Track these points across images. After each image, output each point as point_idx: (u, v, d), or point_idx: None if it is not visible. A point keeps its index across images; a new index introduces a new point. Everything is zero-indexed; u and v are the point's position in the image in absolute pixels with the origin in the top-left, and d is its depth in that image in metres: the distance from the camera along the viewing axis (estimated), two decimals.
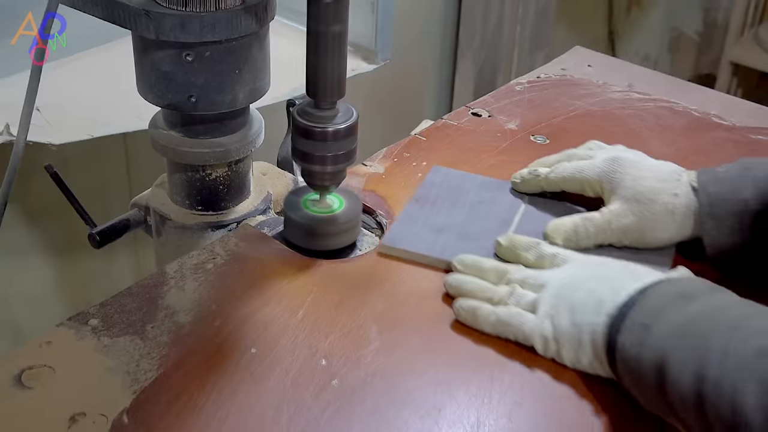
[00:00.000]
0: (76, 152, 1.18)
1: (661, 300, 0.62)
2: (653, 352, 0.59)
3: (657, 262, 0.74)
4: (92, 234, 0.87)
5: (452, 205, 0.85)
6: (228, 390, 0.64)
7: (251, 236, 0.82)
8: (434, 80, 2.04)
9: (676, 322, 0.59)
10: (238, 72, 0.78)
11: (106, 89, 1.16)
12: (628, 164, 0.79)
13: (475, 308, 0.70)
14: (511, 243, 0.76)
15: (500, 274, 0.73)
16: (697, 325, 0.58)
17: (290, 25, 1.22)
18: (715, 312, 0.59)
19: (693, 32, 2.90)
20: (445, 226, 0.82)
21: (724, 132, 1.03)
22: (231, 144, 0.83)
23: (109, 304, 0.72)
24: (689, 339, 0.57)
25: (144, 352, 0.67)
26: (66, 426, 0.60)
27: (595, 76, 1.15)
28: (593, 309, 0.65)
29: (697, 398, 0.55)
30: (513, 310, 0.69)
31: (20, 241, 1.30)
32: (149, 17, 0.74)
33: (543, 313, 0.67)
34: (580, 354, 0.66)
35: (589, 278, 0.68)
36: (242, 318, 0.71)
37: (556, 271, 0.71)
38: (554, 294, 0.68)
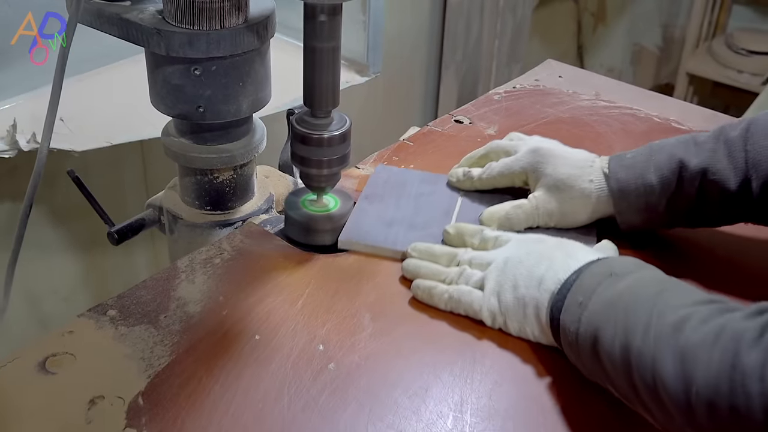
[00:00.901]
0: (97, 158, 1.17)
1: (595, 279, 0.63)
2: (588, 327, 0.60)
3: (583, 241, 0.75)
4: (111, 232, 0.87)
5: (398, 199, 0.85)
6: (234, 374, 0.64)
7: (255, 233, 0.81)
8: (421, 91, 2.03)
9: (606, 299, 0.60)
10: (241, 84, 0.77)
11: (123, 101, 1.16)
12: (548, 154, 0.81)
13: (430, 288, 0.71)
14: (458, 230, 0.77)
15: (450, 257, 0.74)
16: (623, 300, 0.59)
17: (289, 41, 1.22)
18: (638, 289, 0.60)
19: (653, 46, 2.91)
20: (394, 219, 0.81)
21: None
22: (236, 150, 0.82)
23: (125, 296, 0.71)
24: (617, 313, 0.58)
25: (157, 339, 0.67)
26: (86, 408, 0.60)
27: (565, 87, 1.14)
28: (535, 285, 0.66)
29: (626, 366, 0.56)
30: (463, 288, 0.70)
31: (47, 240, 1.30)
32: (160, 35, 0.73)
33: (489, 289, 0.69)
34: (524, 326, 0.67)
35: (528, 255, 0.69)
36: (247, 308, 0.71)
37: (499, 250, 0.72)
38: (498, 271, 0.69)
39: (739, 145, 0.73)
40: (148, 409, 0.60)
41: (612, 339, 0.57)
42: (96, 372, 0.63)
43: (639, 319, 0.56)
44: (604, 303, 0.60)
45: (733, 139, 0.74)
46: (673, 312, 0.55)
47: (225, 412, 0.60)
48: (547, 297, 0.65)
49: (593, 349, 0.59)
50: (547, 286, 0.66)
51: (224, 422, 0.60)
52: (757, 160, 0.72)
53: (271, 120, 0.94)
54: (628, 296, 0.59)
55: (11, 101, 1.13)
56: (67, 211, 1.28)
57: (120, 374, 0.63)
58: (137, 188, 1.37)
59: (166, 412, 0.60)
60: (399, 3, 1.83)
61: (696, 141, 0.76)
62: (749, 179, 0.72)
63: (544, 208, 0.79)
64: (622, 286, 0.60)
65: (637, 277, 0.62)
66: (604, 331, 0.58)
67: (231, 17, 0.73)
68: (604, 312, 0.59)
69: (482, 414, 0.62)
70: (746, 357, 0.49)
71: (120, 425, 0.59)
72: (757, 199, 0.73)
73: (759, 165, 0.72)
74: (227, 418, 0.60)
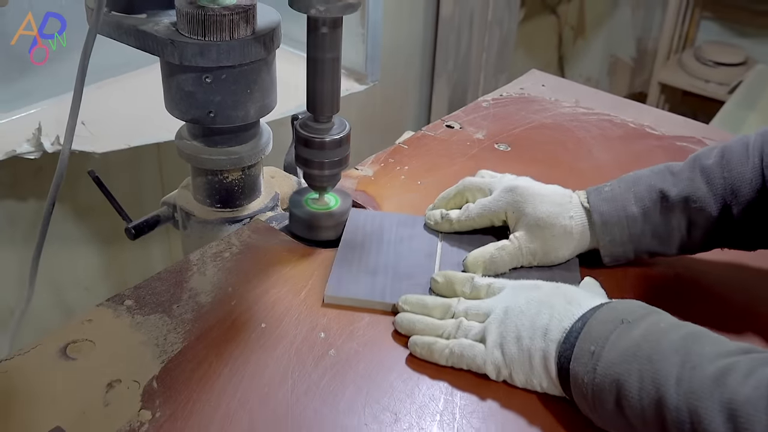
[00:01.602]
0: (116, 159, 1.16)
1: (605, 326, 0.57)
2: (605, 378, 0.55)
3: (568, 278, 0.71)
4: (128, 228, 0.86)
5: (378, 245, 0.77)
6: (242, 359, 0.63)
7: (261, 229, 0.80)
8: (415, 98, 2.02)
9: (623, 348, 0.55)
10: (249, 91, 0.77)
11: (140, 107, 1.15)
12: (525, 193, 0.75)
13: (429, 344, 0.64)
14: (447, 279, 0.70)
15: (444, 309, 0.67)
16: (644, 350, 0.54)
17: (294, 52, 1.21)
18: (657, 336, 0.55)
19: (627, 58, 2.90)
20: (377, 268, 0.74)
21: (654, 140, 1.02)
22: (244, 152, 0.81)
23: (141, 287, 0.70)
24: (640, 364, 0.53)
25: (171, 327, 0.66)
26: (104, 391, 0.59)
27: (547, 95, 1.14)
28: (540, 336, 0.60)
29: (659, 421, 0.52)
30: (464, 342, 0.63)
31: (70, 235, 1.29)
32: (174, 46, 0.72)
33: (491, 342, 0.62)
34: (531, 377, 0.61)
35: (528, 303, 0.63)
36: (254, 298, 0.70)
37: (496, 300, 0.65)
38: (499, 322, 0.62)
39: (716, 173, 0.70)
40: (161, 391, 0.60)
41: (639, 392, 0.53)
42: (113, 357, 0.62)
43: (669, 371, 0.52)
44: (622, 352, 0.55)
45: (709, 167, 0.71)
46: (709, 363, 0.51)
47: (233, 395, 0.60)
48: (554, 347, 0.59)
49: (616, 402, 0.54)
50: (553, 336, 0.60)
51: (232, 404, 0.59)
52: (736, 186, 0.69)
53: (276, 125, 0.93)
54: (648, 345, 0.54)
55: (36, 106, 1.12)
56: (88, 209, 1.28)
57: (136, 360, 0.62)
58: (153, 187, 1.36)
59: (179, 395, 0.59)
60: (395, 18, 1.82)
61: (671, 171, 0.73)
62: (729, 205, 0.69)
63: (527, 248, 0.74)
64: (637, 334, 0.55)
65: (652, 323, 0.57)
66: (628, 383, 0.53)
67: (239, 29, 0.73)
68: (624, 362, 0.54)
69: (471, 397, 0.61)
70: None
71: (135, 407, 0.58)
72: (737, 224, 0.70)
73: (738, 191, 0.69)
74: (235, 401, 0.59)
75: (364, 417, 0.59)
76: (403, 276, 0.73)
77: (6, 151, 1.03)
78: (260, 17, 0.76)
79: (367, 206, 0.85)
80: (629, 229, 0.72)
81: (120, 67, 1.20)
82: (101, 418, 0.57)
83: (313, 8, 0.67)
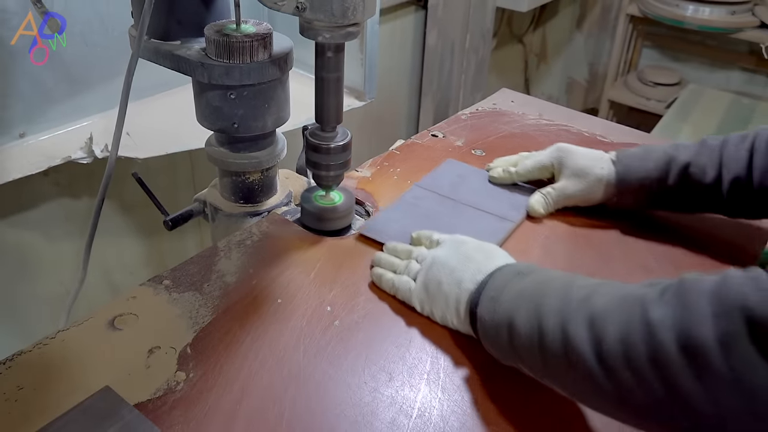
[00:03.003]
0: (156, 164, 1.15)
1: (505, 277, 0.59)
2: (502, 317, 0.55)
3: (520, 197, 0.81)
4: (166, 221, 0.85)
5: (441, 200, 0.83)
6: (262, 329, 0.63)
7: (277, 221, 0.80)
8: (405, 113, 2.02)
9: (516, 291, 0.56)
10: (267, 106, 0.76)
11: (175, 120, 1.14)
12: (568, 149, 0.81)
13: (380, 275, 0.69)
14: (418, 235, 0.73)
15: (407, 253, 0.70)
16: (532, 291, 0.55)
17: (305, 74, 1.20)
18: (544, 281, 0.56)
19: (582, 79, 2.90)
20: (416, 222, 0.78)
21: (606, 146, 1.01)
22: (263, 157, 0.81)
23: (177, 269, 0.70)
24: (527, 302, 0.54)
25: (202, 303, 0.65)
26: (146, 356, 0.59)
27: (516, 109, 1.13)
28: (455, 284, 0.62)
29: (539, 343, 0.51)
30: (403, 278, 0.67)
31: (118, 228, 1.28)
32: (203, 67, 0.72)
33: (419, 283, 0.65)
34: (446, 315, 0.63)
35: (454, 256, 0.64)
36: (271, 278, 0.70)
37: (434, 250, 0.67)
38: (427, 268, 0.65)
39: (716, 150, 0.73)
40: (194, 356, 0.59)
41: (525, 325, 0.53)
42: (153, 328, 0.62)
43: (550, 305, 0.52)
44: (515, 294, 0.56)
45: (712, 146, 0.74)
46: (578, 291, 0.51)
47: (254, 359, 0.59)
48: (466, 295, 0.61)
49: (508, 334, 0.54)
50: (466, 286, 0.61)
51: (254, 366, 0.59)
52: (728, 162, 0.72)
53: (290, 134, 0.92)
54: (535, 287, 0.55)
55: (89, 119, 1.11)
56: (133, 206, 1.27)
57: (172, 330, 0.62)
58: (186, 187, 1.35)
59: (208, 359, 0.59)
60: (389, 47, 1.81)
61: (683, 145, 0.76)
62: (721, 176, 0.72)
63: (569, 191, 0.80)
64: (528, 281, 0.57)
65: (542, 273, 0.58)
66: (517, 319, 0.54)
67: (258, 53, 0.72)
68: (515, 301, 0.55)
69: (453, 359, 0.61)
70: (653, 313, 0.44)
71: (172, 369, 0.58)
72: (725, 193, 0.72)
73: (729, 166, 0.72)
74: (256, 363, 0.59)
75: (364, 376, 0.59)
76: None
77: (62, 157, 1.02)
78: (276, 43, 0.75)
79: (366, 202, 0.85)
80: (641, 181, 0.76)
81: (158, 87, 1.19)
82: (143, 378, 0.57)
83: (320, 36, 0.67)
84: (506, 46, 2.45)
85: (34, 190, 1.10)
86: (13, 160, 1.00)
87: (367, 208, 0.84)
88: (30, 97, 1.01)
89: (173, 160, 1.26)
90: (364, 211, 0.85)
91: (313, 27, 0.66)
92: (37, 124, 1.05)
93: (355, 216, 0.82)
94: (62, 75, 1.04)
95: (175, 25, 0.75)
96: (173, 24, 0.75)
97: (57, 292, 1.19)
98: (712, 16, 2.24)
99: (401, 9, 1.81)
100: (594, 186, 0.79)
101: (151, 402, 0.54)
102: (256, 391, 0.56)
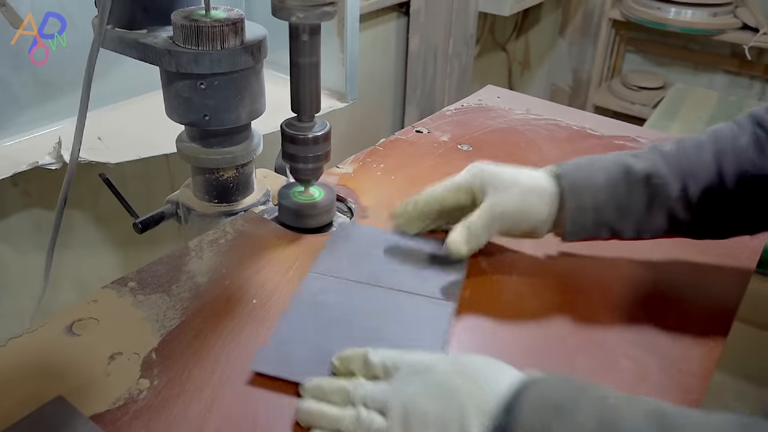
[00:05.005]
0: (133, 171, 1.10)
1: (540, 416, 0.39)
2: None
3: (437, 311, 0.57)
4: (136, 223, 0.80)
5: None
6: (236, 331, 0.57)
7: (253, 219, 0.75)
8: (389, 119, 1.98)
9: None
10: (240, 97, 0.71)
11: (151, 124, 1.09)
12: (490, 165, 0.64)
13: None
14: (342, 360, 0.51)
15: (343, 395, 0.48)
16: None
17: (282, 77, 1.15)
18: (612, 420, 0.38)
19: (566, 86, 2.88)
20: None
21: (595, 140, 0.98)
22: (237, 152, 0.76)
23: (144, 270, 0.64)
24: None
25: (170, 305, 0.60)
26: (106, 363, 0.53)
27: (502, 105, 1.09)
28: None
29: None
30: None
31: (93, 239, 1.22)
32: (171, 55, 0.67)
33: None
34: None
35: (428, 396, 0.44)
36: (246, 278, 0.64)
37: (393, 385, 0.46)
38: (401, 419, 0.44)
39: (674, 157, 0.61)
40: (159, 362, 0.53)
41: None
42: (116, 333, 0.56)
43: None
44: None
45: (668, 152, 0.61)
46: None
47: (226, 363, 0.54)
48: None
49: None
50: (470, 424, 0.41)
51: (226, 370, 0.53)
52: (693, 169, 0.59)
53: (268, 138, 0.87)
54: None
55: (59, 124, 1.06)
56: (108, 215, 1.21)
57: (136, 334, 0.56)
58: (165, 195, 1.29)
59: (176, 364, 0.53)
60: (371, 52, 1.78)
61: (632, 154, 0.62)
62: (687, 186, 0.59)
63: (500, 208, 0.60)
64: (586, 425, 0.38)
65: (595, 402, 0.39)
66: None
67: (229, 40, 0.67)
68: None
69: None
70: None
71: (135, 376, 0.52)
72: (694, 206, 0.60)
73: (696, 174, 0.59)
74: (229, 367, 0.53)
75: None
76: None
77: (29, 162, 0.97)
78: (249, 32, 0.70)
79: (348, 198, 0.80)
80: (594, 197, 0.60)
81: (132, 90, 1.14)
82: (102, 387, 0.51)
83: (293, 16, 0.62)
84: (489, 53, 2.43)
85: (1, 201, 1.05)
86: None
87: (349, 204, 0.79)
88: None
89: (149, 168, 1.20)
90: (347, 207, 0.80)
91: (286, 6, 0.61)
92: (4, 129, 0.99)
93: (336, 213, 0.77)
94: (30, 78, 0.99)
95: (141, 12, 0.70)
96: (139, 11, 0.70)
97: (27, 306, 1.13)
98: (694, 18, 2.23)
99: (383, 15, 1.78)
100: (535, 196, 0.60)
101: (109, 413, 0.49)
102: (228, 398, 0.51)
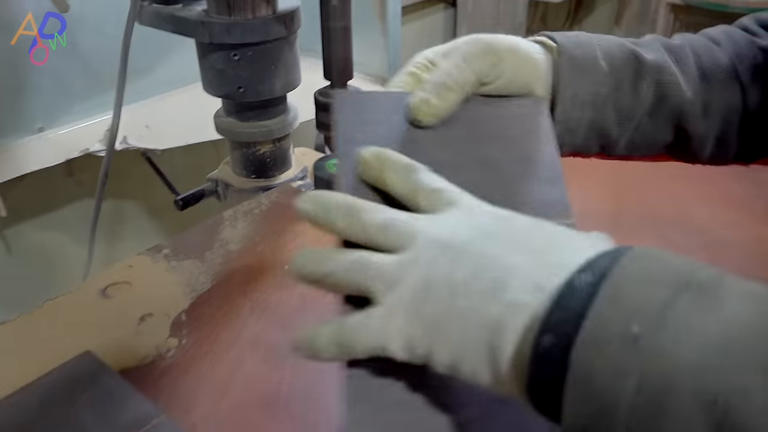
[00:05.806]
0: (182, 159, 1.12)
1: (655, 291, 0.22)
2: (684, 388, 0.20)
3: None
4: (176, 200, 0.80)
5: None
6: (265, 295, 0.56)
7: (289, 191, 0.74)
8: None
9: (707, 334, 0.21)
10: (273, 68, 0.71)
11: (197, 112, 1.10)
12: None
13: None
14: (379, 158, 0.32)
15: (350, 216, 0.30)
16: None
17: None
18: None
19: None
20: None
21: None
22: (273, 125, 0.75)
23: (178, 238, 0.64)
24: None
25: (202, 270, 0.59)
26: (137, 323, 0.53)
27: None
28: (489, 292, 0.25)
29: None
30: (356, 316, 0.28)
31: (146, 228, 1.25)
32: (204, 26, 0.67)
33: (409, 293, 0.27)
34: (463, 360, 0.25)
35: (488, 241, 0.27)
36: (279, 245, 0.63)
37: (430, 220, 0.29)
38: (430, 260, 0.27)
39: (686, 53, 0.44)
40: (188, 323, 0.53)
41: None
42: (147, 296, 0.56)
43: None
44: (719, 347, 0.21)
45: (677, 47, 0.44)
46: None
47: (255, 325, 0.53)
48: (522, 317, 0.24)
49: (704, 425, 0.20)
50: (518, 298, 0.25)
51: (255, 331, 0.52)
52: (707, 68, 0.43)
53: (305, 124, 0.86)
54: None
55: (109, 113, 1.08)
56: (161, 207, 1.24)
57: (167, 297, 0.56)
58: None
59: (204, 325, 0.53)
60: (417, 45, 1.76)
61: (634, 41, 0.44)
62: (700, 90, 0.43)
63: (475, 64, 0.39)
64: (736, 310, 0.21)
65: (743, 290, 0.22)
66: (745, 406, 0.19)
67: (261, 8, 0.67)
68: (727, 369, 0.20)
69: None
70: None
71: (164, 335, 0.52)
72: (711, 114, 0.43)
73: (713, 74, 0.43)
74: (258, 329, 0.52)
75: None
76: None
77: (81, 149, 1.00)
78: (282, 3, 0.70)
79: None
80: (596, 86, 0.41)
81: (178, 81, 1.16)
82: (132, 345, 0.51)
83: None
84: None
85: (57, 191, 1.08)
86: (31, 154, 0.98)
87: None
88: (49, 91, 0.99)
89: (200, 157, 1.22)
90: None
91: None
92: (57, 119, 1.03)
93: None
94: (81, 70, 1.02)
95: None
96: None
97: None
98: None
99: (429, 6, 1.76)
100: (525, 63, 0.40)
101: (137, 369, 0.48)
102: (254, 359, 0.49)
